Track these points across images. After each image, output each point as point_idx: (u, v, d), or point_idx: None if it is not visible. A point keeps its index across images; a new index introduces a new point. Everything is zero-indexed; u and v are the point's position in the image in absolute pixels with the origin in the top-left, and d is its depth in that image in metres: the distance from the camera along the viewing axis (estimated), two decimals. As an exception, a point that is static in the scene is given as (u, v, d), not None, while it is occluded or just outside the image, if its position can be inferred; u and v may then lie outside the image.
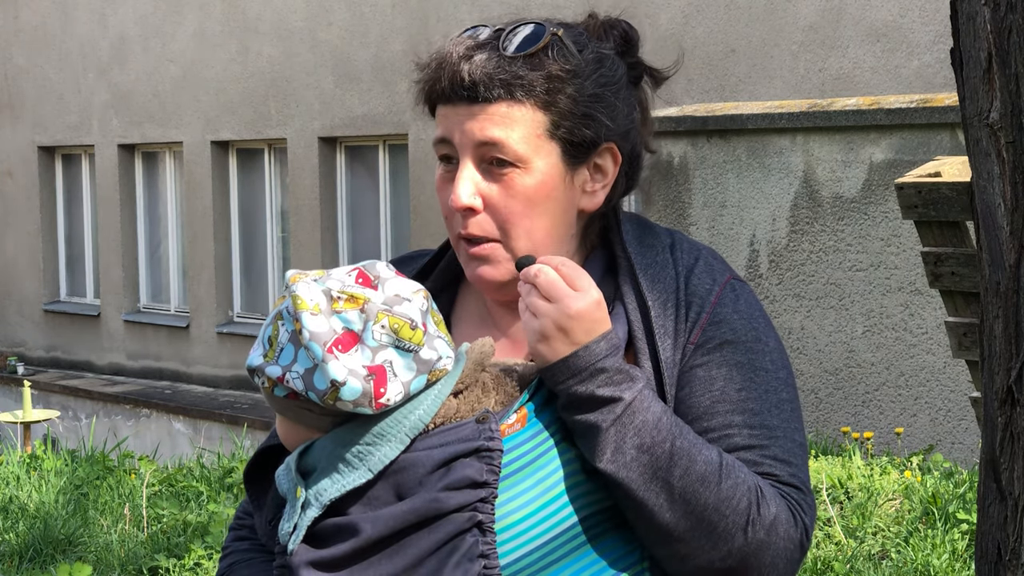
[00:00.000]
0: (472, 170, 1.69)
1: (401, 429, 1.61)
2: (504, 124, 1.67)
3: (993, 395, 1.76)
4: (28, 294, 15.42)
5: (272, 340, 1.61)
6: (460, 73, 1.67)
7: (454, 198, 1.69)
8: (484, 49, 1.68)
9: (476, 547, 1.58)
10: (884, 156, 7.34)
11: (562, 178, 1.70)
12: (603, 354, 1.60)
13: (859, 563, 4.91)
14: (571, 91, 1.68)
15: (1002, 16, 1.68)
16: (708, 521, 1.59)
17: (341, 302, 1.58)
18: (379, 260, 1.65)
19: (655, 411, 1.61)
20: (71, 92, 14.64)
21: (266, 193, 13.16)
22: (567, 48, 1.69)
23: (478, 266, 1.72)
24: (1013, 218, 1.69)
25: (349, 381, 1.56)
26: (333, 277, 1.61)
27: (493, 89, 1.66)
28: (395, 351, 1.58)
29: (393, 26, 11.63)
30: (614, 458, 1.58)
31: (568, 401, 1.60)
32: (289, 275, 1.62)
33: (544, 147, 1.68)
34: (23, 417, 9.39)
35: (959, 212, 3.74)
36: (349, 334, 1.57)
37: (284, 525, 1.65)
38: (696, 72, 9.21)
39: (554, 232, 1.71)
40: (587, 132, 1.69)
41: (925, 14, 8.31)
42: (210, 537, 5.53)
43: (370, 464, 1.60)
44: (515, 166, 1.68)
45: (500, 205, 1.69)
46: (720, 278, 1.73)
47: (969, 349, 3.77)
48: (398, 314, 1.58)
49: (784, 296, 7.77)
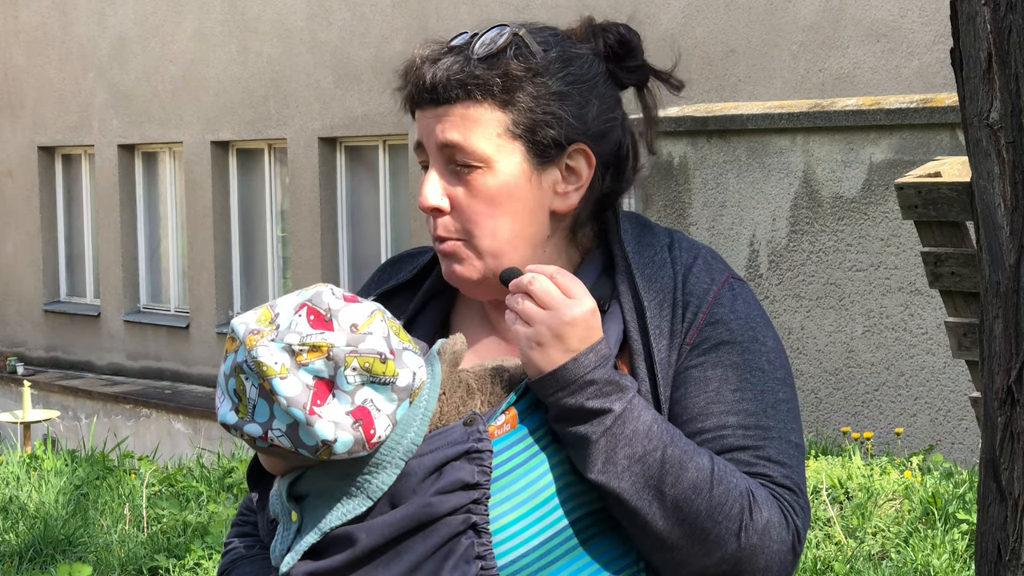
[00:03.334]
0: (440, 173, 1.71)
1: (395, 455, 1.60)
2: (463, 126, 1.68)
3: (993, 395, 1.76)
4: (28, 294, 15.42)
5: (240, 394, 1.58)
6: (423, 76, 1.69)
7: (421, 199, 1.71)
8: (452, 53, 1.69)
9: (472, 549, 1.58)
10: (884, 156, 7.35)
11: (527, 178, 1.70)
12: (592, 366, 1.60)
13: (859, 563, 4.91)
14: (531, 89, 1.68)
15: (1002, 16, 1.68)
16: (701, 528, 1.59)
17: (304, 354, 1.55)
18: (323, 285, 1.62)
19: (645, 420, 1.60)
20: (71, 92, 14.64)
21: (266, 193, 13.17)
22: (528, 48, 1.69)
23: (450, 264, 1.73)
24: (1013, 218, 1.69)
25: (339, 436, 1.56)
26: (285, 325, 1.57)
27: (451, 90, 1.67)
28: (372, 388, 1.57)
29: (393, 26, 11.63)
30: (605, 469, 1.58)
31: (558, 413, 1.60)
32: (240, 331, 1.58)
33: (507, 147, 1.68)
34: (23, 417, 9.39)
35: (959, 212, 3.74)
36: (321, 383, 1.56)
37: (277, 547, 1.65)
38: (696, 72, 9.21)
39: (521, 232, 1.71)
40: (550, 131, 1.69)
41: (925, 14, 8.31)
42: (210, 537, 5.53)
43: (369, 492, 1.61)
44: (478, 167, 1.68)
45: (464, 205, 1.69)
46: (718, 277, 1.72)
47: (969, 349, 3.77)
48: (365, 352, 1.56)
49: (784, 296, 7.77)
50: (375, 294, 1.83)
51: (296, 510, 1.65)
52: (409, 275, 1.85)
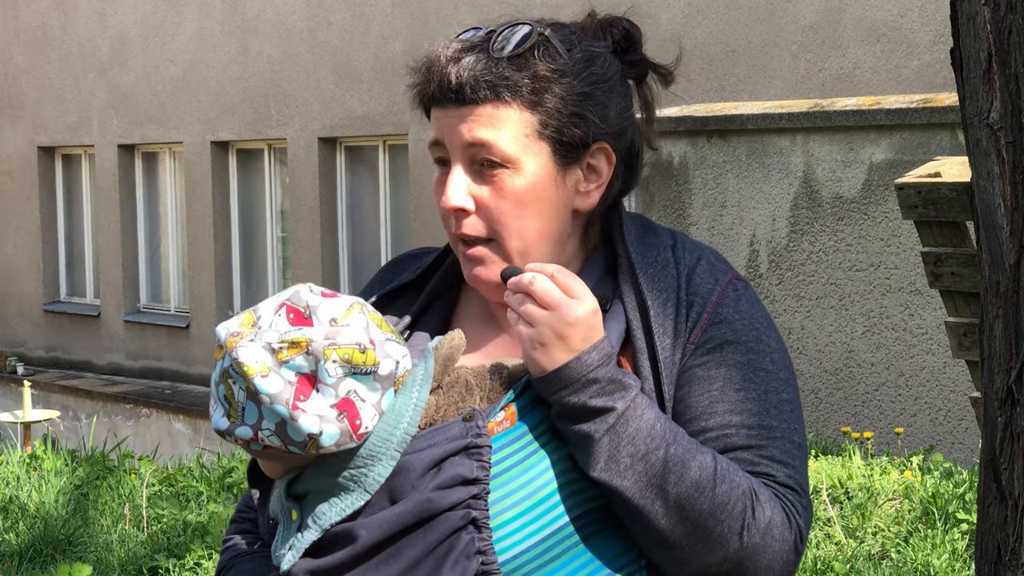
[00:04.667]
0: (463, 171, 1.70)
1: (390, 446, 1.61)
2: (492, 125, 1.67)
3: (993, 395, 1.76)
4: (28, 294, 15.42)
5: (229, 399, 1.60)
6: (448, 76, 1.68)
7: (445, 200, 1.70)
8: (473, 51, 1.69)
9: (472, 544, 1.59)
10: (884, 156, 7.35)
11: (553, 178, 1.70)
12: (595, 364, 1.60)
13: (859, 563, 4.91)
14: (559, 90, 1.68)
15: (1002, 16, 1.68)
16: (704, 527, 1.59)
17: (284, 351, 1.57)
18: (302, 284, 1.63)
19: (648, 419, 1.60)
20: (71, 92, 14.64)
21: (266, 193, 13.17)
22: (554, 47, 1.69)
23: (474, 267, 1.73)
24: (1013, 218, 1.69)
25: (324, 429, 1.57)
26: (266, 325, 1.59)
27: (480, 91, 1.67)
28: (354, 379, 1.58)
29: (393, 26, 11.63)
30: (608, 467, 1.58)
31: (561, 412, 1.61)
32: (223, 337, 1.59)
33: (533, 147, 1.68)
34: (23, 417, 9.39)
35: (959, 212, 3.74)
36: (304, 378, 1.57)
37: (278, 547, 1.66)
38: (696, 72, 9.21)
39: (547, 232, 1.71)
40: (576, 131, 1.69)
41: (925, 14, 8.31)
42: (210, 537, 5.53)
43: (366, 485, 1.61)
44: (505, 167, 1.68)
45: (491, 206, 1.69)
46: (722, 278, 1.72)
47: (969, 349, 3.77)
48: (344, 344, 1.57)
49: (784, 296, 7.77)
50: (378, 295, 1.84)
51: (296, 509, 1.65)
52: (412, 276, 1.85)
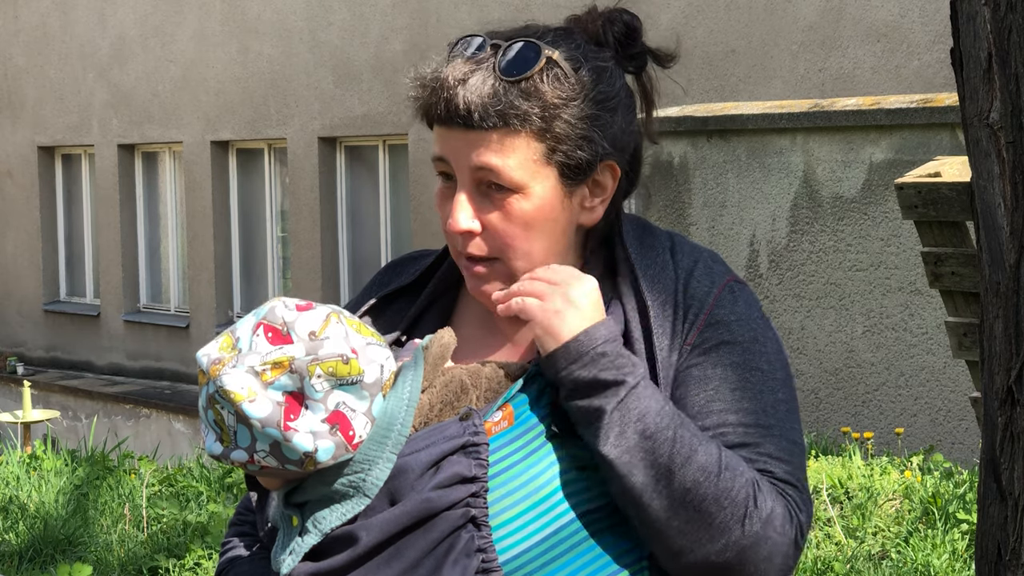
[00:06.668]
0: (469, 193, 1.69)
1: (385, 450, 1.61)
2: (500, 152, 1.66)
3: (993, 395, 1.76)
4: (28, 294, 15.42)
5: (220, 424, 1.60)
6: (455, 99, 1.65)
7: (452, 223, 1.69)
8: (479, 71, 1.66)
9: (472, 542, 1.59)
10: (884, 156, 7.34)
11: (560, 200, 1.70)
12: (604, 339, 1.61)
13: (859, 563, 4.91)
14: (567, 116, 1.67)
15: (1002, 16, 1.68)
16: (707, 512, 1.59)
17: (268, 372, 1.57)
18: (276, 300, 1.63)
19: (658, 399, 1.61)
20: (71, 92, 14.64)
21: (266, 193, 13.17)
22: (562, 70, 1.67)
23: (480, 284, 1.73)
24: (1013, 218, 1.69)
25: (319, 445, 1.57)
26: (246, 348, 1.59)
27: (489, 118, 1.65)
28: (341, 391, 1.59)
29: (393, 26, 11.63)
30: (617, 442, 1.58)
31: (572, 387, 1.61)
32: (205, 364, 1.59)
33: (541, 172, 1.68)
34: (23, 417, 9.39)
35: (959, 212, 3.74)
36: (291, 397, 1.57)
37: (278, 552, 1.66)
38: (696, 72, 9.21)
39: (553, 249, 1.72)
40: (584, 155, 1.68)
41: (925, 14, 8.31)
42: (210, 537, 5.53)
43: (365, 489, 1.62)
44: (512, 191, 1.67)
45: (499, 229, 1.69)
46: (719, 280, 1.72)
47: (969, 349, 3.77)
48: (326, 357, 1.57)
49: (784, 296, 7.77)
50: (376, 297, 1.84)
51: (296, 515, 1.65)
52: (411, 278, 1.85)
